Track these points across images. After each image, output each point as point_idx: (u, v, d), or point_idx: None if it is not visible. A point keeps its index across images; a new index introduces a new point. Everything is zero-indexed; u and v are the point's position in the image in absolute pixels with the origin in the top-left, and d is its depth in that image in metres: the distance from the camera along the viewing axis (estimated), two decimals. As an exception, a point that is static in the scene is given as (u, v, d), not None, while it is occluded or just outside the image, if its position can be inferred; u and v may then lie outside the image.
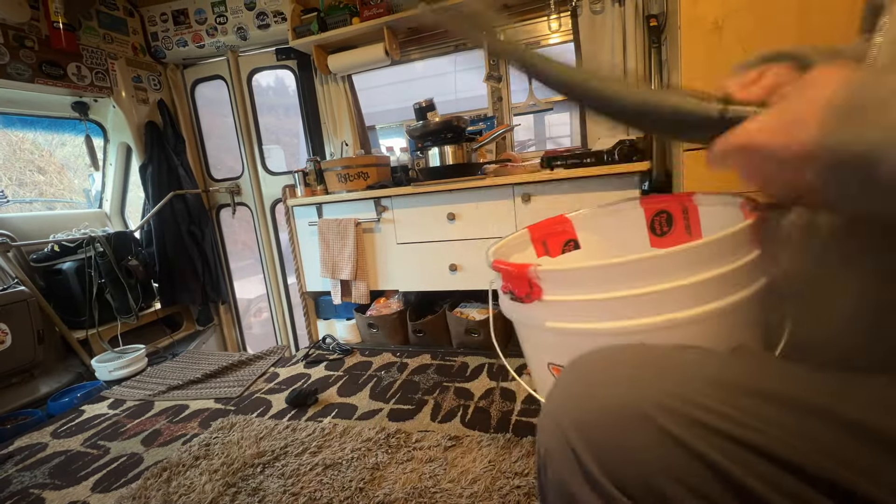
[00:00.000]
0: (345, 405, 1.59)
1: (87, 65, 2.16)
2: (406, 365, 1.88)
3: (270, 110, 3.03)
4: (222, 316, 2.85)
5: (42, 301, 1.98)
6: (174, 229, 2.48)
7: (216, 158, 2.76)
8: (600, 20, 1.82)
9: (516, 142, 2.69)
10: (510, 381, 1.63)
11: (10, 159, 2.54)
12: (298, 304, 2.42)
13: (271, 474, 1.20)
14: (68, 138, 2.64)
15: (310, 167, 2.17)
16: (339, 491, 1.10)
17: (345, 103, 2.33)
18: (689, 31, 1.22)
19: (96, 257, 2.13)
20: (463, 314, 2.00)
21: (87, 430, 1.60)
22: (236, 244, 2.98)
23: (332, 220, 2.08)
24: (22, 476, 1.34)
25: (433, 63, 2.49)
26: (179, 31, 2.40)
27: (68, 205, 2.72)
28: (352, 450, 1.26)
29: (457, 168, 1.83)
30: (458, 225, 1.88)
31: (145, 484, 1.22)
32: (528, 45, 2.03)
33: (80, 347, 2.11)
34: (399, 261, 2.03)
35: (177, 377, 1.99)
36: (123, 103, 2.33)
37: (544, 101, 2.13)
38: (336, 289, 2.14)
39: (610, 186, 1.64)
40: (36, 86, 1.96)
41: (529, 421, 1.35)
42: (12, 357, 1.78)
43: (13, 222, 2.09)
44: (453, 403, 1.51)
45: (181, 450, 1.37)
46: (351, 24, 2.06)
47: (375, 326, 2.15)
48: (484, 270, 1.95)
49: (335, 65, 2.20)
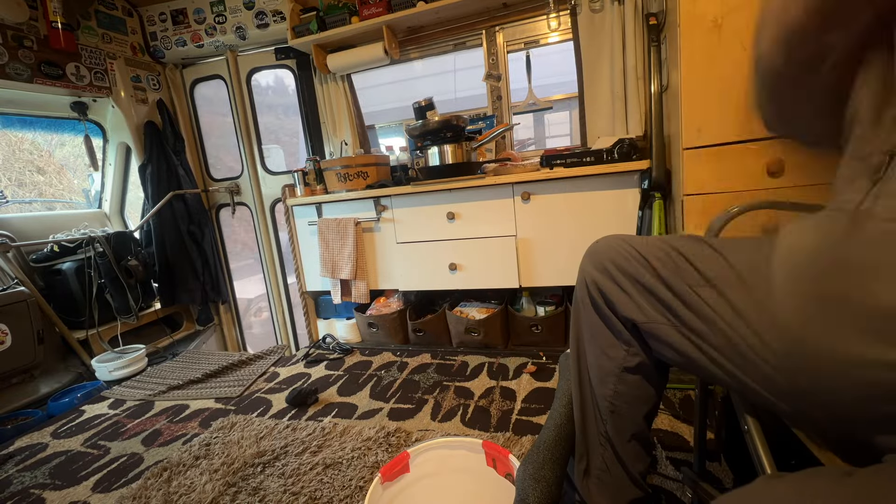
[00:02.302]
0: (345, 404, 1.59)
1: (85, 65, 2.15)
2: (406, 364, 1.88)
3: (270, 110, 3.03)
4: (222, 316, 2.85)
5: (42, 301, 1.98)
6: (174, 229, 2.48)
7: (216, 158, 2.76)
8: (599, 19, 1.81)
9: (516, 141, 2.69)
10: (510, 380, 1.63)
11: (9, 160, 2.54)
12: (298, 303, 2.42)
13: (271, 474, 1.20)
14: (67, 138, 2.64)
15: (309, 167, 2.17)
16: (339, 490, 1.10)
17: (344, 103, 2.32)
18: (689, 29, 1.22)
19: (96, 257, 2.13)
20: (463, 313, 2.00)
21: (87, 431, 1.60)
22: (236, 244, 2.98)
23: (332, 219, 2.08)
24: (22, 476, 1.35)
25: (432, 62, 2.49)
26: (178, 30, 2.39)
27: (68, 205, 2.72)
28: (352, 449, 1.26)
29: (456, 167, 1.83)
30: (458, 224, 1.88)
31: (146, 484, 1.22)
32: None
33: (80, 347, 2.11)
34: (399, 260, 2.03)
35: (177, 377, 1.99)
36: (122, 103, 2.33)
37: (544, 101, 2.13)
38: (336, 288, 2.14)
39: (610, 185, 1.64)
40: (35, 86, 1.96)
41: (529, 420, 1.35)
42: (12, 357, 1.78)
43: (13, 223, 2.09)
44: (453, 403, 1.51)
45: (181, 450, 1.37)
46: (350, 23, 2.06)
47: (375, 326, 2.15)
48: (483, 269, 1.96)
49: (334, 64, 2.20)
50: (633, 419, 0.73)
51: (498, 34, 2.11)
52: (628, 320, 0.68)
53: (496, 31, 2.11)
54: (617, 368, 0.72)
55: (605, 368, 0.73)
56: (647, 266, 0.66)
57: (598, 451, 0.76)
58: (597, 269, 0.72)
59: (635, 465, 0.75)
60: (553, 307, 1.94)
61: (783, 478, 0.38)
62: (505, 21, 2.07)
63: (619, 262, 0.69)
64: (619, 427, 0.73)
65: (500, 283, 1.86)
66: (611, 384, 0.72)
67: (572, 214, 1.71)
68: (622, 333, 0.70)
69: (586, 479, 0.79)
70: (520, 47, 2.11)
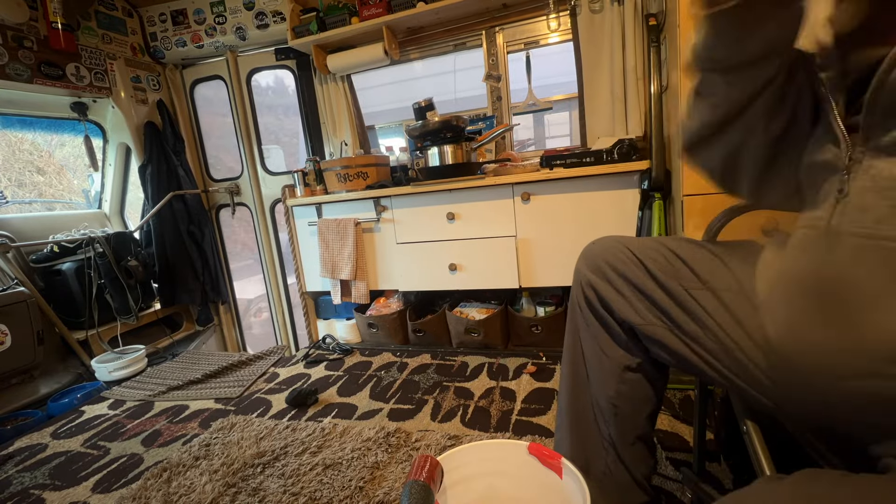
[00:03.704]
0: (345, 405, 1.59)
1: (85, 65, 2.15)
2: (406, 365, 1.88)
3: (270, 110, 3.03)
4: (222, 316, 2.85)
5: (42, 302, 1.98)
6: (174, 229, 2.48)
7: (215, 159, 2.76)
8: (599, 19, 1.82)
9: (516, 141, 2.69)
10: (510, 380, 1.63)
11: (9, 160, 2.54)
12: (298, 304, 2.42)
13: (271, 474, 1.20)
14: (67, 139, 2.64)
15: (309, 167, 2.17)
16: (339, 491, 1.10)
17: (344, 103, 2.32)
18: (689, 29, 1.22)
19: (96, 258, 2.13)
20: (463, 314, 2.00)
21: (87, 431, 1.60)
22: (236, 244, 2.98)
23: (332, 219, 2.08)
24: (22, 477, 1.35)
25: (432, 62, 2.50)
26: (178, 31, 2.40)
27: (68, 205, 2.72)
28: (352, 449, 1.26)
29: (456, 167, 1.83)
30: (458, 224, 1.88)
31: (145, 484, 1.22)
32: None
33: (80, 348, 2.11)
34: (399, 260, 2.03)
35: (177, 377, 1.99)
36: (122, 104, 2.33)
37: (544, 101, 2.13)
38: (336, 289, 2.14)
39: (609, 185, 1.64)
40: (35, 86, 1.96)
41: (529, 420, 1.35)
42: (12, 358, 1.78)
43: (13, 223, 2.09)
44: (453, 403, 1.51)
45: (181, 450, 1.37)
46: (350, 23, 2.06)
47: (375, 326, 2.15)
48: (483, 270, 1.96)
49: (334, 64, 2.20)
50: (635, 420, 0.72)
51: (498, 35, 2.11)
52: (625, 322, 0.68)
53: (496, 32, 2.11)
54: (618, 368, 0.71)
55: (605, 369, 0.72)
56: (642, 268, 0.66)
57: (601, 454, 0.75)
58: (592, 271, 0.71)
59: (639, 467, 0.74)
60: (553, 307, 1.94)
61: (781, 480, 0.38)
62: (505, 22, 2.07)
63: (615, 264, 0.69)
64: (622, 429, 0.72)
65: (500, 283, 1.86)
66: (612, 384, 0.72)
67: (572, 215, 1.71)
68: (619, 335, 0.70)
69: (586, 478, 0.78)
70: (520, 48, 2.11)
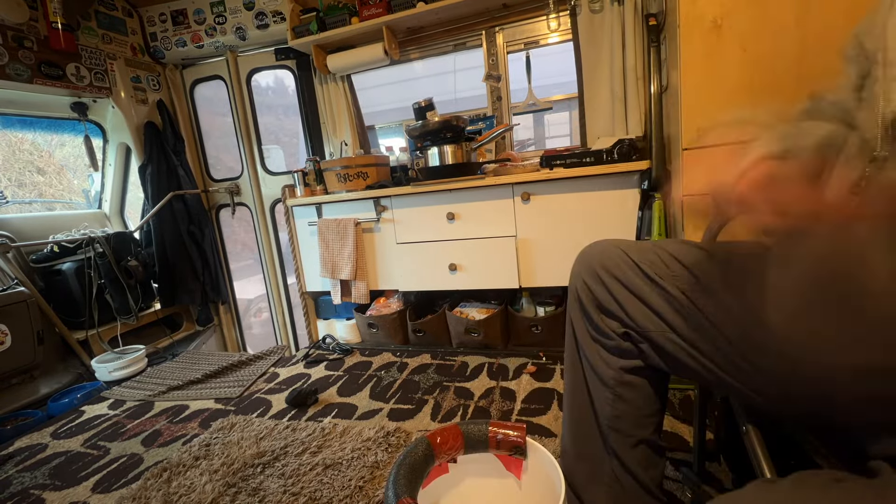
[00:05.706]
0: (345, 405, 1.59)
1: (85, 65, 2.15)
2: (406, 365, 1.88)
3: (270, 110, 3.03)
4: (222, 316, 2.85)
5: (42, 302, 1.98)
6: (174, 230, 2.48)
7: (215, 159, 2.76)
8: (599, 19, 1.82)
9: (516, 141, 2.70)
10: (510, 380, 1.63)
11: (9, 160, 2.54)
12: (298, 304, 2.42)
13: (271, 474, 1.20)
14: (67, 139, 2.64)
15: (309, 167, 2.17)
16: (339, 490, 1.10)
17: (344, 103, 2.32)
18: (689, 29, 1.22)
19: (96, 258, 2.13)
20: (463, 314, 2.00)
21: (87, 431, 1.60)
22: (236, 244, 2.98)
23: (332, 219, 2.08)
24: (22, 477, 1.35)
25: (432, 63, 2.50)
26: (178, 31, 2.40)
27: (68, 205, 2.72)
28: (352, 449, 1.26)
29: (456, 168, 1.83)
30: (458, 224, 1.88)
31: (145, 484, 1.22)
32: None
33: (80, 348, 2.11)
34: (399, 260, 2.03)
35: (177, 377, 1.99)
36: (122, 104, 2.33)
37: (543, 101, 2.13)
38: (336, 289, 2.14)
39: (609, 185, 1.64)
40: (35, 86, 1.96)
41: (530, 420, 1.35)
42: (12, 358, 1.78)
43: (13, 223, 2.09)
44: (453, 403, 1.51)
45: (181, 450, 1.37)
46: (350, 23, 2.06)
47: (375, 326, 2.15)
48: (483, 270, 1.95)
49: (334, 65, 2.20)
50: (636, 424, 0.71)
51: (498, 35, 2.11)
52: (621, 325, 0.67)
53: (496, 32, 2.11)
54: (615, 372, 0.70)
55: (603, 373, 0.71)
56: (638, 271, 0.65)
57: (605, 461, 0.73)
58: (588, 275, 0.71)
59: (647, 471, 0.71)
60: (553, 307, 1.94)
61: (775, 483, 0.38)
62: (505, 22, 2.07)
63: (610, 267, 0.68)
64: (623, 434, 0.71)
65: (500, 283, 1.86)
66: (611, 388, 0.71)
67: (572, 215, 1.71)
68: (616, 339, 0.69)
69: (592, 486, 0.75)
70: (520, 48, 2.11)
